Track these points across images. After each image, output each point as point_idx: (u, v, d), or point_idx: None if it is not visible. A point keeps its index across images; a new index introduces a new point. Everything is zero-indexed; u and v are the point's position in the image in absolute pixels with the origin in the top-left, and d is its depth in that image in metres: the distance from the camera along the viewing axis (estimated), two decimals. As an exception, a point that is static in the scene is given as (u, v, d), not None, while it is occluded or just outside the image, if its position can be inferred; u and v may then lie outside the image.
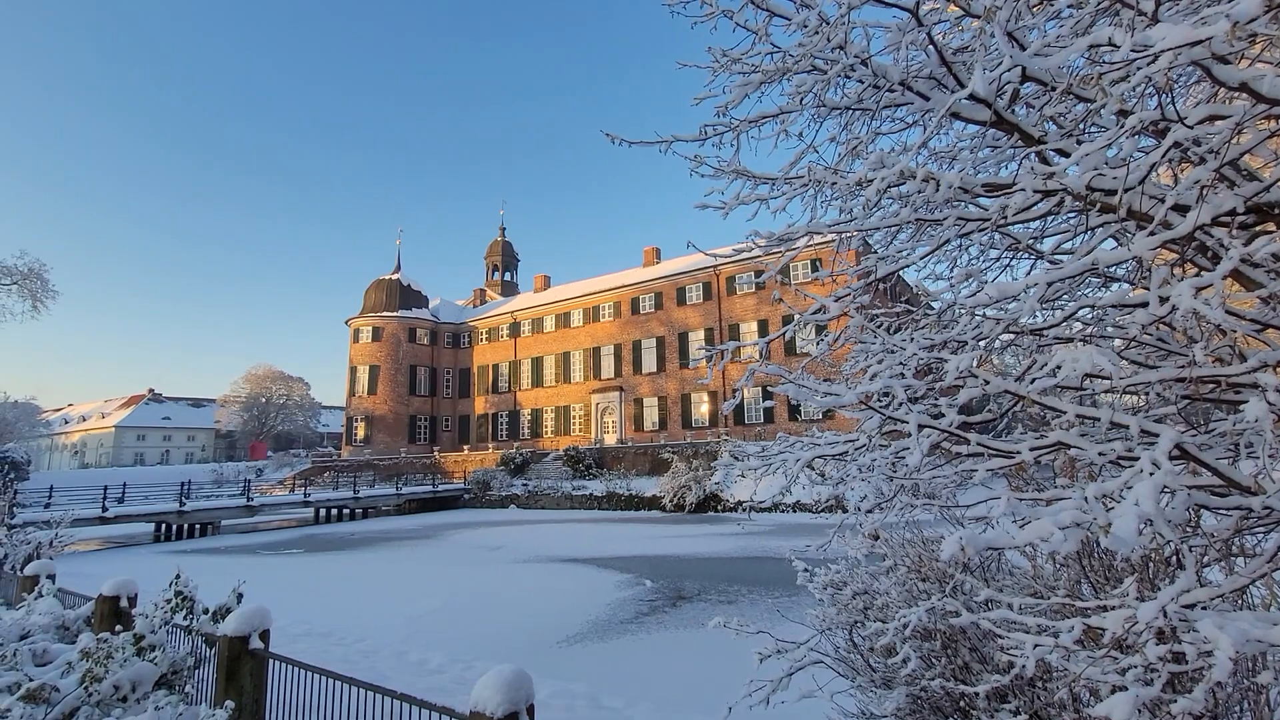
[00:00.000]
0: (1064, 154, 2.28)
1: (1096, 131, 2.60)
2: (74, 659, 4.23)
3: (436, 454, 43.19)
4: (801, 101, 2.64)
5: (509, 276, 59.58)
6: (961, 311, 2.32)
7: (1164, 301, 1.51)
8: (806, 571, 3.96)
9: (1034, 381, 2.13)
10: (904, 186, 2.59)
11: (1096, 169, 1.65)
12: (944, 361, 1.99)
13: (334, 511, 30.56)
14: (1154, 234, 1.61)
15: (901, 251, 2.61)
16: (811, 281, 31.35)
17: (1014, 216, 2.08)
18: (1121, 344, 2.44)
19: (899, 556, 3.64)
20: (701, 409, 37.05)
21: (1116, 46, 1.40)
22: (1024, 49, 2.14)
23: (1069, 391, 2.22)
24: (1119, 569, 2.58)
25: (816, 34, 2.43)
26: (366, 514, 31.35)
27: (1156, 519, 1.09)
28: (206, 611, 4.52)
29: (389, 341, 46.61)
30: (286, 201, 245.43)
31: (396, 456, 43.24)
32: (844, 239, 2.98)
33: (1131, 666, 1.45)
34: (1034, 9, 2.48)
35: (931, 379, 2.84)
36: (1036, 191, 1.94)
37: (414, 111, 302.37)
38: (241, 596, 4.53)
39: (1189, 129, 1.54)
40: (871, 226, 2.65)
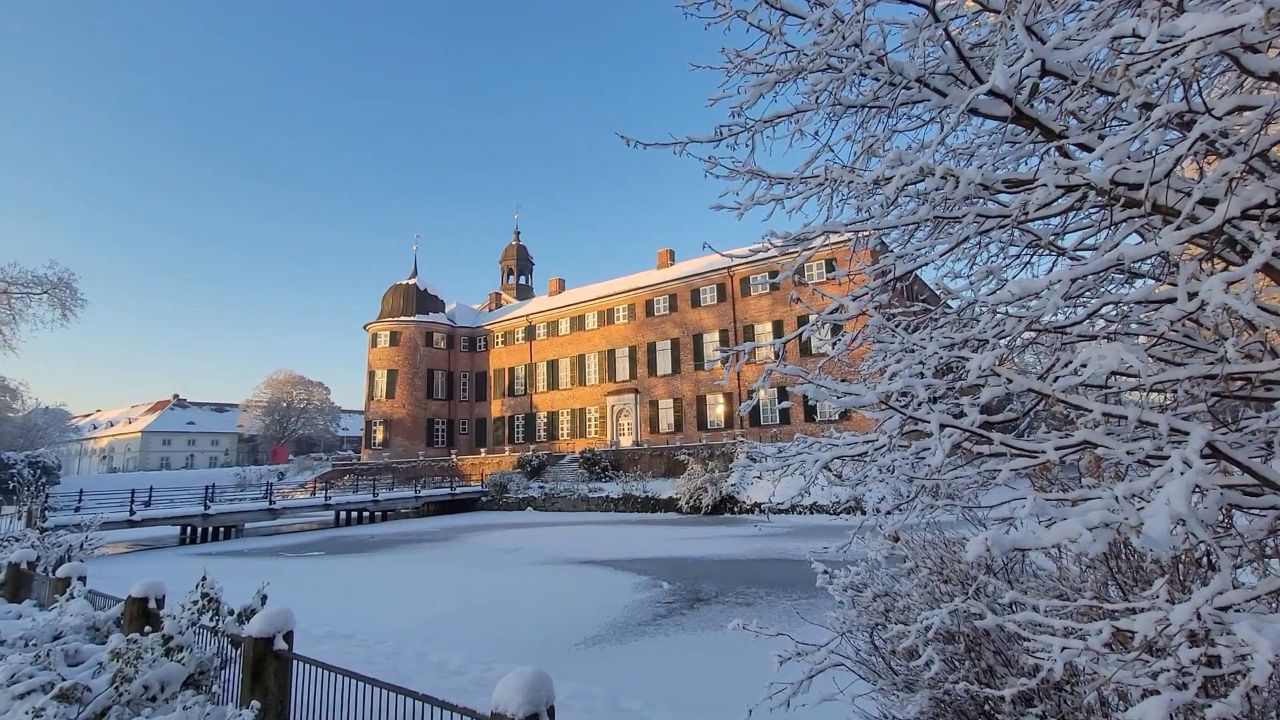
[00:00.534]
0: (1085, 148, 2.24)
1: (1118, 125, 2.56)
2: (105, 659, 4.32)
3: (454, 457, 43.53)
4: (817, 100, 2.63)
5: (524, 280, 59.94)
6: (983, 310, 2.29)
7: (1192, 297, 1.48)
8: (826, 573, 3.93)
9: (1057, 380, 2.10)
10: (922, 184, 2.57)
11: (1121, 163, 1.62)
12: (964, 360, 1.97)
13: (354, 514, 30.91)
14: (1181, 228, 1.58)
15: (920, 250, 2.59)
16: (827, 281, 31.11)
17: (1035, 213, 2.05)
18: (1146, 341, 2.39)
19: (920, 558, 3.59)
20: (717, 410, 36.92)
21: (1141, 38, 1.38)
22: (1043, 43, 2.11)
23: (1093, 390, 2.18)
24: (1148, 571, 2.53)
25: (831, 32, 2.42)
26: (386, 517, 31.67)
27: (1189, 519, 1.06)
28: (232, 613, 4.60)
29: (406, 346, 47.10)
30: (307, 207, 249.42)
31: (415, 460, 43.65)
32: (860, 238, 2.96)
33: (1164, 670, 1.42)
34: (1054, 2, 2.45)
35: (951, 378, 2.81)
36: (1058, 187, 1.91)
37: (428, 116, 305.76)
38: (266, 598, 4.60)
39: (1217, 120, 1.51)
40: (889, 225, 2.63)
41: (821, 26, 2.42)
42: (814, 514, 22.69)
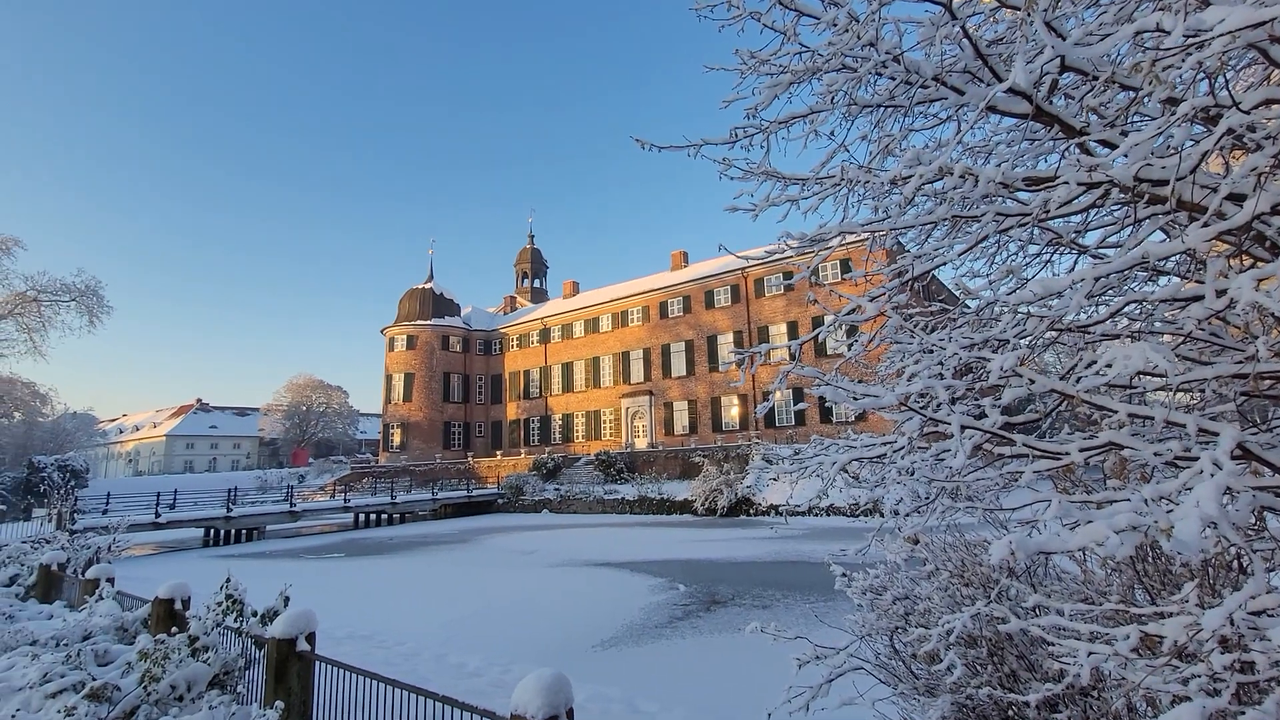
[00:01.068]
0: (1108, 145, 2.21)
1: (1141, 121, 2.52)
2: (133, 659, 4.41)
3: (470, 459, 43.83)
4: (832, 100, 2.62)
5: (538, 283, 60.24)
6: (1003, 309, 2.26)
7: (1221, 294, 1.45)
8: (845, 576, 3.90)
9: (1080, 380, 2.06)
10: (939, 183, 2.55)
11: (1145, 159, 1.59)
12: (985, 361, 1.94)
13: (373, 516, 31.24)
14: (1208, 225, 1.55)
15: (938, 249, 2.56)
16: (842, 281, 30.69)
17: (1056, 210, 2.02)
18: (1172, 340, 2.35)
19: (940, 561, 3.55)
20: (732, 412, 36.79)
21: (1166, 32, 1.35)
22: (1063, 39, 2.08)
23: (1118, 390, 2.15)
24: (1176, 574, 2.47)
25: (846, 32, 2.41)
26: (404, 519, 31.97)
27: (1220, 522, 1.04)
28: (255, 614, 4.68)
29: (423, 349, 47.54)
30: (326, 212, 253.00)
31: (432, 462, 44.01)
32: (877, 238, 2.94)
33: (1195, 676, 1.39)
34: (1073, -3, 2.41)
35: (971, 379, 2.77)
36: (1080, 184, 1.89)
37: (442, 119, 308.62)
38: (288, 600, 4.67)
39: (1244, 114, 1.48)
40: (906, 225, 2.61)
41: (836, 26, 2.41)
42: (830, 516, 22.51)
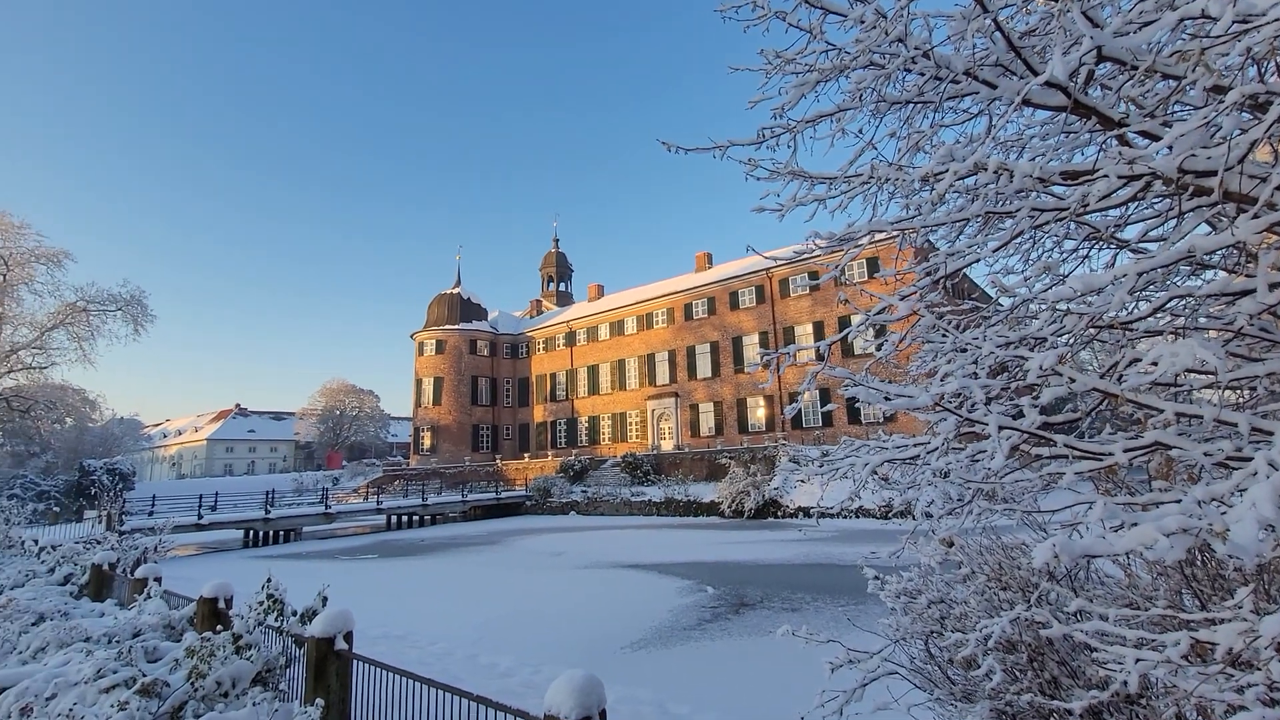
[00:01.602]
0: (1149, 136, 2.15)
1: (1182, 110, 2.44)
2: (180, 656, 4.57)
3: (498, 462, 44.31)
4: (860, 99, 2.59)
5: (564, 287, 60.65)
6: (1042, 307, 2.21)
7: (1274, 288, 1.40)
8: (877, 579, 3.84)
9: (1122, 378, 2.01)
10: (970, 179, 2.50)
11: (1190, 150, 1.54)
12: (1022, 360, 1.90)
13: (404, 518, 31.79)
14: (1259, 216, 1.50)
15: (971, 246, 2.51)
16: (870, 280, 30.23)
17: (1095, 204, 1.97)
18: (1219, 336, 2.26)
19: (977, 564, 3.47)
20: (758, 413, 36.52)
21: (1213, 18, 1.31)
22: (1100, 28, 2.03)
23: (1163, 388, 2.08)
24: (1229, 579, 2.38)
25: (874, 29, 2.38)
26: (435, 520, 32.46)
27: (1279, 524, 1.01)
28: (295, 614, 4.81)
29: (451, 354, 48.26)
30: (354, 218, 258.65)
31: (461, 465, 44.61)
32: (906, 236, 2.90)
33: (1251, 685, 1.34)
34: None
35: (1006, 378, 2.71)
36: (1120, 177, 1.84)
37: (466, 124, 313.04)
38: (326, 600, 4.79)
39: (1296, 101, 1.42)
40: (937, 222, 2.57)
41: (864, 23, 2.39)
42: (860, 518, 22.17)
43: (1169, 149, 1.64)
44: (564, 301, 59.14)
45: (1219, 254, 2.49)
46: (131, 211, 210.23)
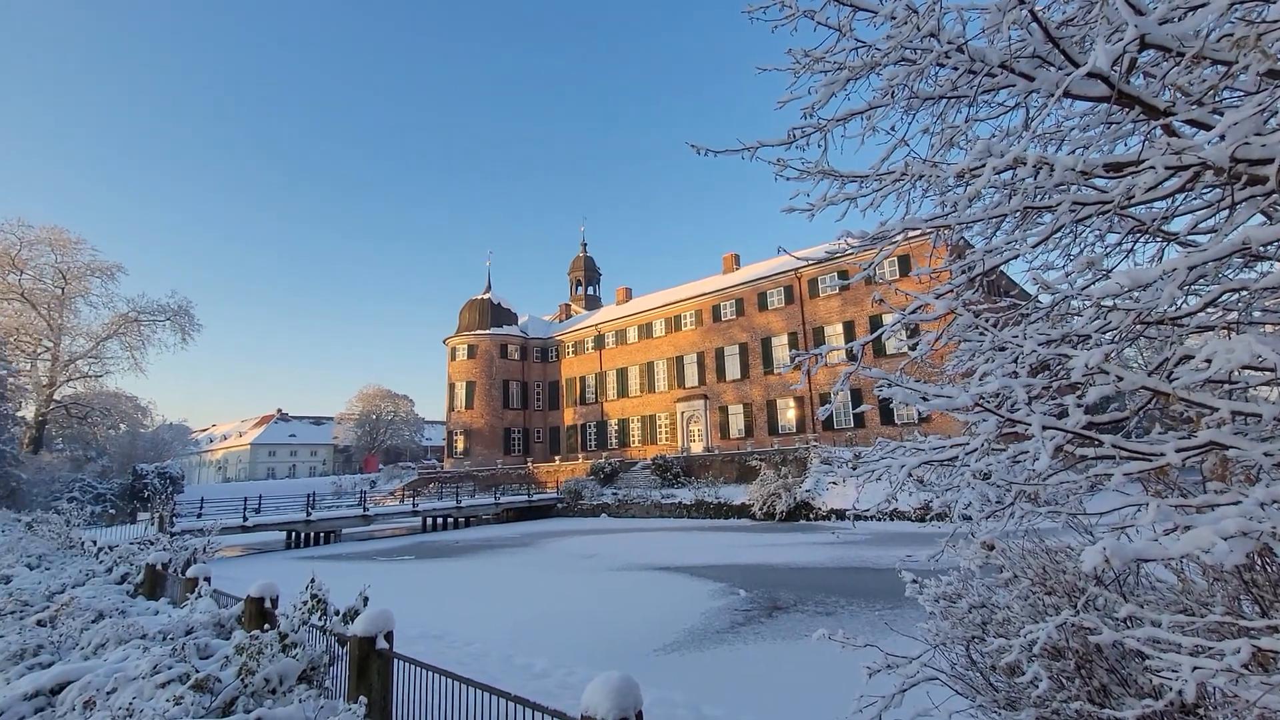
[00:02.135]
0: (1198, 125, 2.07)
1: (1232, 97, 2.34)
2: (230, 653, 4.74)
3: (530, 464, 44.75)
4: (892, 95, 2.56)
5: (592, 290, 61.04)
6: (1086, 303, 2.15)
7: (1336, 281, 1.34)
8: (915, 583, 3.77)
9: (1172, 376, 1.94)
10: (1006, 174, 2.45)
11: (1244, 138, 1.49)
12: (1066, 358, 1.85)
13: (439, 520, 32.35)
14: (1318, 206, 1.43)
15: (1010, 242, 2.46)
16: (901, 279, 29.61)
17: (1141, 196, 1.91)
18: (1275, 330, 2.17)
19: (1020, 568, 3.38)
20: (788, 414, 36.12)
21: (1268, 1, 1.26)
22: (1143, 15, 1.97)
23: (1217, 385, 2.00)
24: (1292, 584, 2.28)
25: (906, 24, 2.36)
26: (468, 522, 32.95)
27: (1343, 527, 0.96)
28: (338, 613, 4.94)
29: (483, 358, 48.96)
30: (385, 223, 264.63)
31: (493, 468, 45.19)
32: (940, 234, 2.85)
33: (1318, 694, 1.28)
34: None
35: (1047, 377, 2.64)
36: (1168, 168, 1.78)
37: (493, 129, 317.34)
38: (367, 600, 4.91)
39: (1357, 85, 1.36)
40: (973, 219, 2.52)
41: (895, 19, 2.36)
42: (894, 521, 21.73)
43: (1220, 138, 1.59)
44: (592, 305, 59.48)
45: (1274, 245, 2.39)
46: (181, 221, 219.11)
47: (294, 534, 26.19)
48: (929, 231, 2.75)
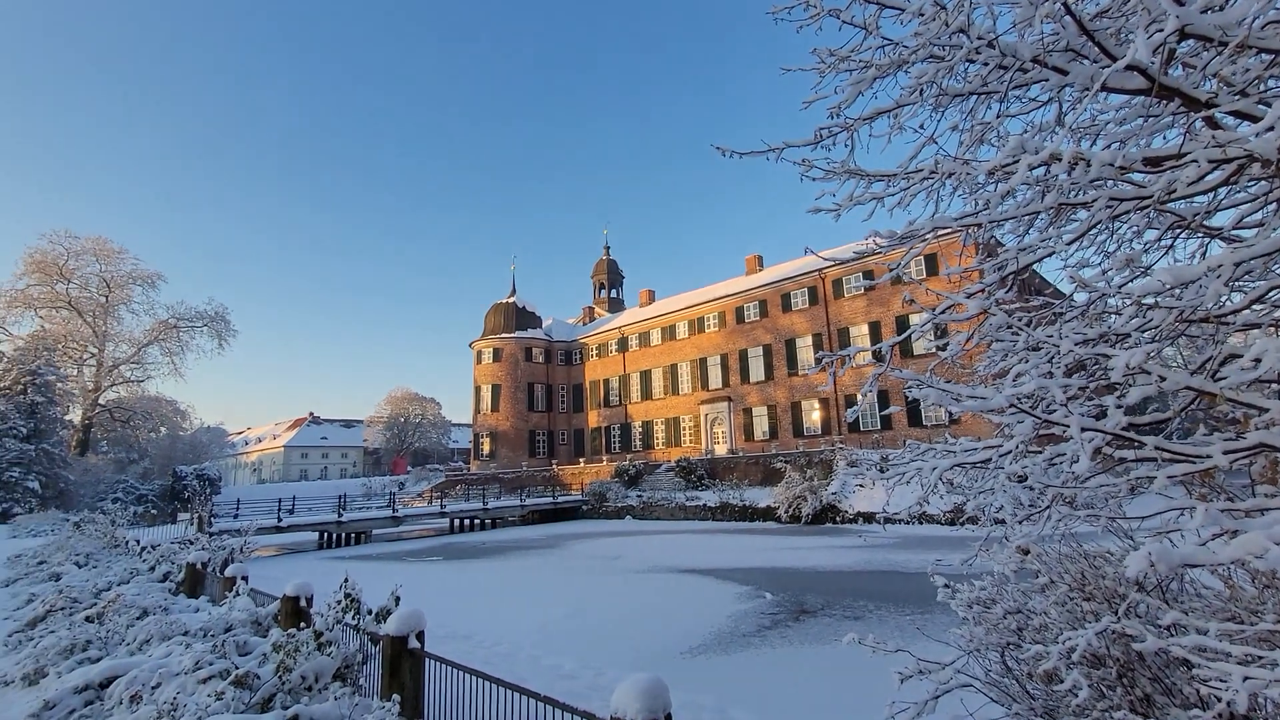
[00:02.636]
0: (1240, 116, 2.01)
1: (1278, 87, 2.27)
2: (268, 651, 4.87)
3: (554, 467, 45.04)
4: (920, 93, 2.53)
5: (615, 293, 61.28)
6: (1126, 302, 2.09)
7: (1394, 276, 1.29)
8: (947, 587, 3.70)
9: (1216, 375, 1.88)
10: (1038, 171, 2.40)
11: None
12: (1105, 357, 1.80)
13: (466, 522, 32.75)
14: (1374, 198, 1.38)
15: (1044, 240, 2.41)
16: (929, 278, 29.02)
17: (1183, 191, 1.86)
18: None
19: (1057, 573, 3.30)
20: (813, 416, 35.74)
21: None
22: (1182, 3, 1.92)
23: (1264, 385, 1.93)
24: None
25: (934, 20, 2.33)
26: (495, 524, 33.28)
27: (1405, 532, 0.93)
28: (370, 613, 5.05)
29: (508, 361, 49.46)
30: (412, 227, 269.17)
31: (519, 470, 45.59)
32: (970, 232, 2.80)
33: (1379, 707, 1.23)
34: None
35: (1084, 377, 2.58)
36: (1211, 161, 1.73)
37: (518, 132, 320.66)
38: (399, 600, 5.01)
39: None
40: (1005, 216, 2.48)
41: (923, 16, 2.34)
42: (922, 524, 21.33)
43: (1269, 129, 1.54)
44: (616, 308, 59.68)
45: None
46: (217, 223, 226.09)
47: (326, 534, 26.76)
48: (958, 230, 2.71)
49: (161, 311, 49.83)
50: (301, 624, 5.66)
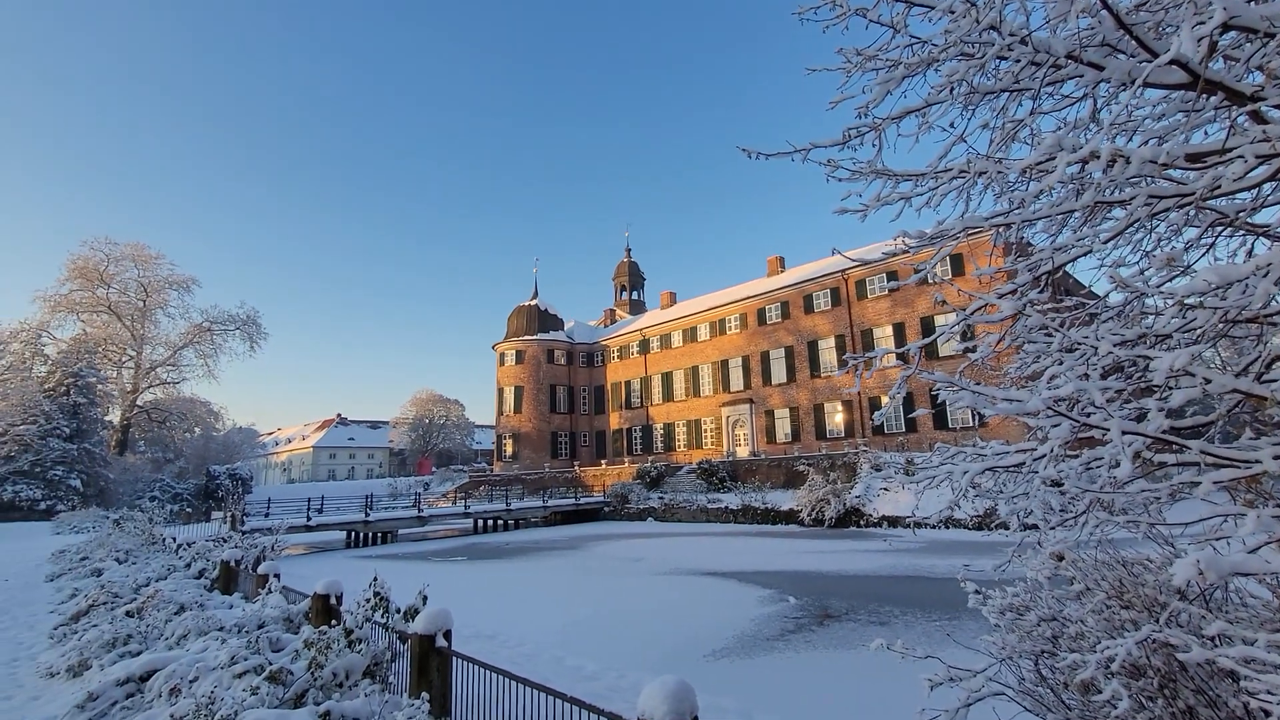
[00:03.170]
0: (1290, 109, 1.95)
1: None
2: (299, 647, 4.98)
3: (576, 468, 45.23)
4: (951, 91, 2.50)
5: (636, 295, 61.37)
6: (1168, 302, 2.04)
7: None
8: (978, 593, 3.63)
9: (1263, 377, 1.82)
10: (1073, 169, 2.35)
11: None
12: (1146, 359, 1.76)
13: (490, 522, 33.06)
14: None
15: (1080, 239, 2.36)
16: (956, 278, 28.50)
17: (1228, 187, 1.80)
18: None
19: (1093, 580, 3.22)
20: (836, 419, 35.34)
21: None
22: (1226, -4, 1.86)
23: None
24: None
25: (964, 17, 2.30)
26: (518, 525, 33.54)
27: None
28: (399, 611, 5.13)
29: (530, 363, 49.85)
30: (435, 229, 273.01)
31: (541, 471, 45.89)
32: (1001, 232, 2.76)
33: None
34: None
35: (1120, 378, 2.51)
36: (1258, 157, 1.68)
37: (542, 135, 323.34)
38: (426, 599, 5.08)
39: None
40: (1038, 216, 2.44)
41: (954, 14, 2.31)
42: (949, 529, 20.92)
43: (1317, 124, 1.48)
44: (637, 310, 59.77)
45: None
46: (247, 226, 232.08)
47: (353, 534, 27.24)
48: (989, 230, 2.66)
49: (196, 315, 51.38)
50: (332, 621, 5.77)
